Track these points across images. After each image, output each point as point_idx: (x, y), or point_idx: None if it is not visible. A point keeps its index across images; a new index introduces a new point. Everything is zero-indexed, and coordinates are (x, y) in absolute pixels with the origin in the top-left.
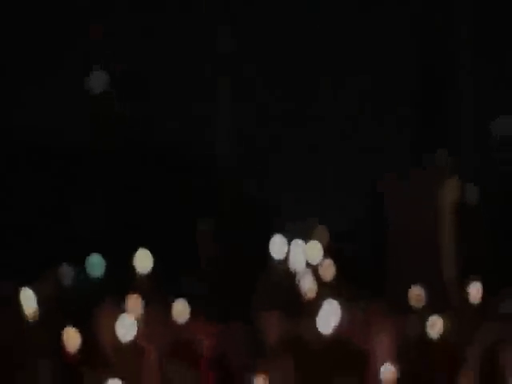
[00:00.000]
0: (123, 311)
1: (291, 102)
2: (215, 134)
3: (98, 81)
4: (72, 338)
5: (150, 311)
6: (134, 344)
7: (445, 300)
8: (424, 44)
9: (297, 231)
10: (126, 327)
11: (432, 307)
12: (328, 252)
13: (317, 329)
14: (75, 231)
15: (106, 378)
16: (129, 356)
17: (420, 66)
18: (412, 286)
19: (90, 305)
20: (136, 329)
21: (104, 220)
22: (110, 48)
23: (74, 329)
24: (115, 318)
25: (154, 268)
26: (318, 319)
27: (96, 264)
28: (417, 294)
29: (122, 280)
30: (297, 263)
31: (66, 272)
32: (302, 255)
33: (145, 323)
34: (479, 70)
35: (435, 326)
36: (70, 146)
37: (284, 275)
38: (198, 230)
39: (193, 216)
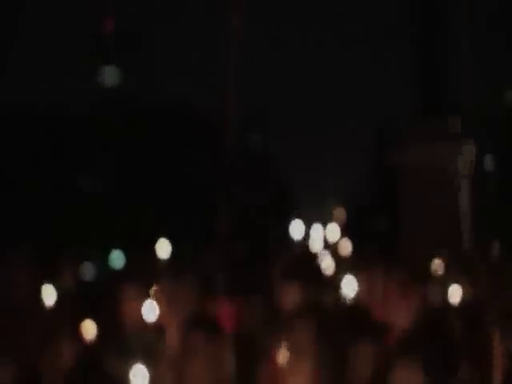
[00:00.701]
0: (146, 296)
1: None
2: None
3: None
4: (89, 330)
5: (172, 292)
6: (157, 325)
7: (464, 267)
8: None
9: (317, 212)
10: (150, 310)
11: (452, 275)
12: (345, 231)
13: (336, 299)
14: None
15: (130, 364)
16: (152, 339)
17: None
18: (433, 258)
19: (111, 294)
20: (159, 311)
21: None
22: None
23: (90, 321)
24: (139, 303)
25: (173, 252)
26: (338, 292)
27: (117, 258)
28: (437, 265)
29: (142, 270)
30: (316, 244)
31: (87, 268)
32: (320, 237)
33: (166, 304)
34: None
35: (456, 294)
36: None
37: (304, 253)
38: (218, 207)
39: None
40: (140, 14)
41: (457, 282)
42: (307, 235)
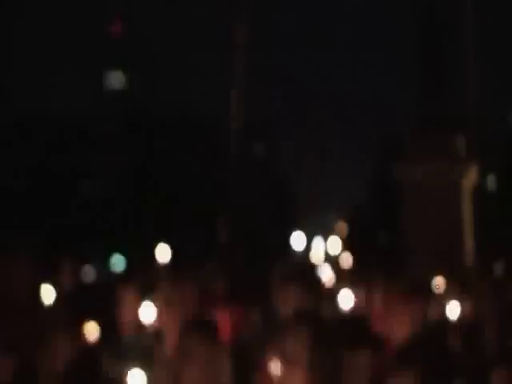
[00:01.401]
0: (145, 299)
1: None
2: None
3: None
4: (91, 332)
5: (170, 297)
6: (155, 328)
7: (464, 283)
8: None
9: (318, 225)
10: (148, 313)
11: (452, 291)
12: (346, 244)
13: (333, 309)
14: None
15: (127, 368)
16: (150, 342)
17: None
18: (434, 273)
19: (110, 296)
20: (157, 314)
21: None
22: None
23: (93, 322)
24: (137, 306)
25: (172, 258)
26: (336, 303)
27: (118, 261)
28: (438, 282)
29: (142, 274)
30: (317, 257)
31: (87, 270)
32: (321, 249)
33: (165, 308)
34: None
35: (455, 310)
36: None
37: (304, 265)
38: (218, 218)
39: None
40: (146, 21)
41: (456, 298)
42: (308, 247)
